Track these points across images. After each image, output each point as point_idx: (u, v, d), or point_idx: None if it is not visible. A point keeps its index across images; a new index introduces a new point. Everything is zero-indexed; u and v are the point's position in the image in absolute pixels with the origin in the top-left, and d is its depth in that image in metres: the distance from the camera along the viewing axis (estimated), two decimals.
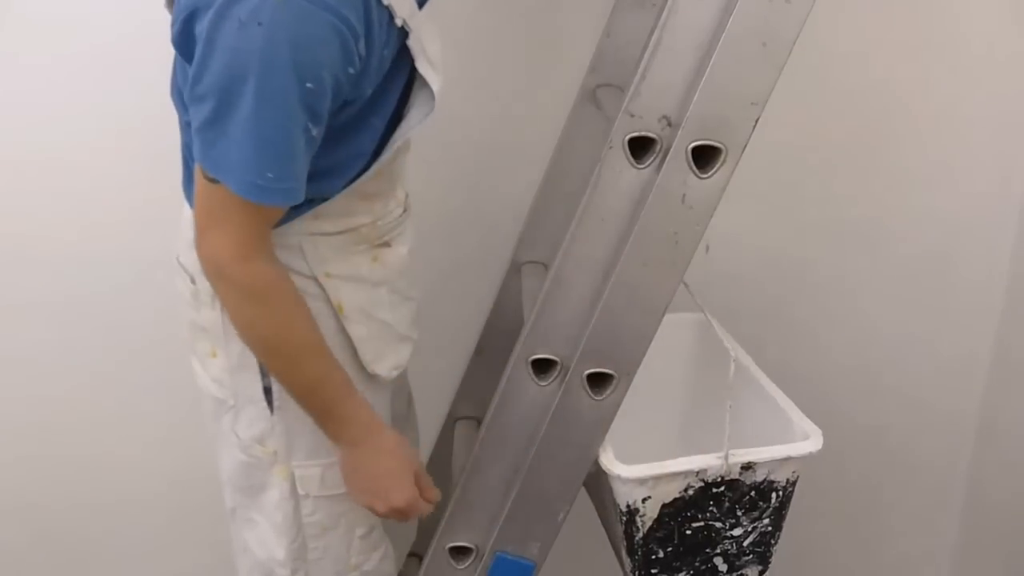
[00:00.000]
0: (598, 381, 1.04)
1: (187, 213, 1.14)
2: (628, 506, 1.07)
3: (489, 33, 1.44)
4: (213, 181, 0.95)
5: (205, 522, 1.65)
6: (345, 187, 1.05)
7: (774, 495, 1.10)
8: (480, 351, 1.53)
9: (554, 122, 1.39)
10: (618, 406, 1.05)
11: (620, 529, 1.11)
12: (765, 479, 1.08)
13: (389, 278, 1.16)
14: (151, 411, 1.60)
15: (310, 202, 1.03)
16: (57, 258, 1.48)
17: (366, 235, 1.12)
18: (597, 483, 1.14)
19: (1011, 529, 1.72)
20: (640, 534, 1.09)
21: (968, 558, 1.87)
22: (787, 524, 1.14)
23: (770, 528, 1.13)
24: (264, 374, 1.11)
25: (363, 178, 1.06)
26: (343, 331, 1.12)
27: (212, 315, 1.12)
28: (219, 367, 1.14)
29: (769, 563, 1.16)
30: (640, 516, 1.08)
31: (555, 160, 1.42)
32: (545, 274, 1.04)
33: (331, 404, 1.08)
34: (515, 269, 1.48)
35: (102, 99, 1.38)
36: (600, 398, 1.04)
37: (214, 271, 1.01)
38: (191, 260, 1.13)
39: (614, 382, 1.04)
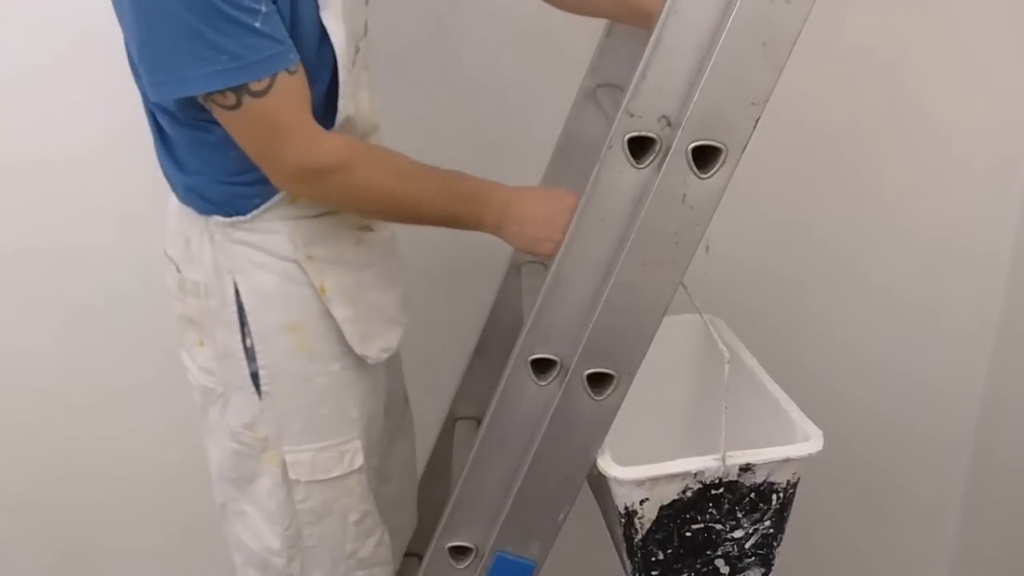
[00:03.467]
0: (598, 381, 1.04)
1: (172, 206, 1.15)
2: (626, 508, 1.07)
3: (489, 32, 1.44)
4: (231, 108, 0.95)
5: (205, 522, 1.65)
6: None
7: (775, 497, 1.09)
8: (480, 351, 1.53)
9: (554, 122, 1.39)
10: (618, 406, 1.05)
11: (620, 531, 1.10)
12: (765, 481, 1.08)
13: (374, 261, 1.17)
14: (151, 411, 1.60)
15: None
16: (57, 258, 1.48)
17: (346, 217, 1.12)
18: (598, 484, 1.14)
19: (1011, 530, 1.72)
20: (639, 536, 1.09)
21: (968, 558, 1.87)
22: (788, 525, 1.14)
23: (772, 530, 1.12)
24: (251, 359, 1.12)
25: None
26: (327, 313, 1.12)
27: (197, 303, 1.13)
28: (206, 356, 1.16)
29: (772, 565, 1.15)
30: (638, 518, 1.07)
31: (555, 160, 1.42)
32: (545, 274, 1.03)
33: (464, 199, 1.09)
34: (515, 269, 1.48)
35: (101, 99, 1.38)
36: (600, 398, 1.04)
37: (312, 176, 1.01)
38: (176, 250, 1.14)
39: (614, 382, 1.04)
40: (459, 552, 1.15)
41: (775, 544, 1.14)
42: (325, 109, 1.04)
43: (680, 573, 1.12)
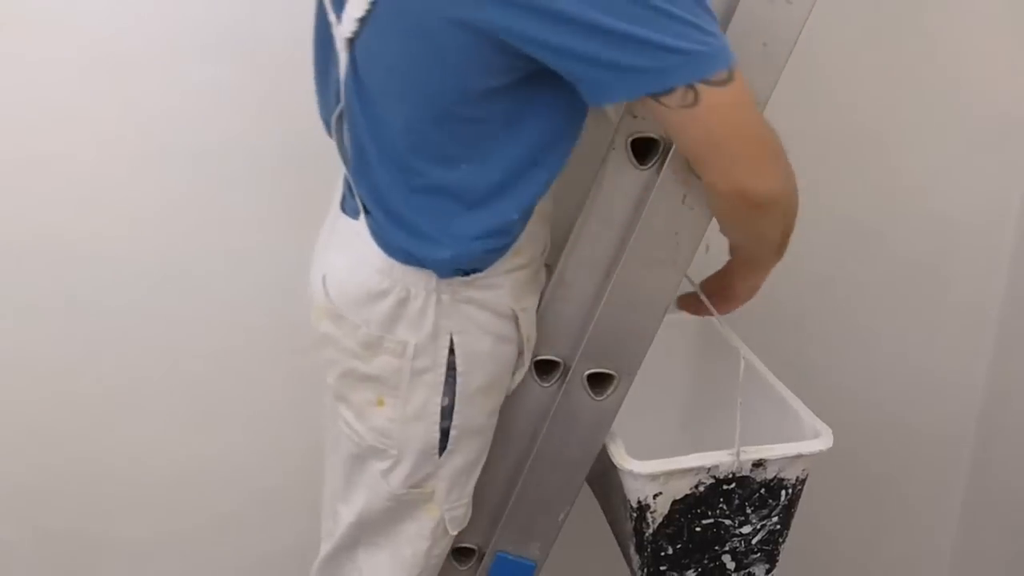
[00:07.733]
0: (599, 381, 1.04)
1: (371, 259, 1.01)
2: (639, 502, 1.07)
3: None
4: (688, 106, 0.82)
5: (205, 522, 1.65)
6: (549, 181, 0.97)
7: (783, 493, 1.10)
8: None
9: None
10: (619, 406, 1.05)
11: (629, 526, 1.10)
12: (775, 477, 1.09)
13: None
14: (151, 411, 1.59)
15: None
16: (58, 258, 1.48)
17: (541, 264, 1.08)
18: (605, 480, 1.14)
19: (1011, 530, 1.73)
20: (650, 530, 1.09)
21: (968, 558, 1.87)
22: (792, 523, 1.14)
23: (778, 526, 1.13)
24: (445, 417, 1.03)
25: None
26: (514, 368, 1.07)
27: (394, 362, 1.02)
28: (385, 417, 1.05)
29: (776, 562, 1.16)
30: (651, 512, 1.07)
31: None
32: (548, 274, 1.04)
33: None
34: None
35: (102, 99, 1.38)
36: (601, 398, 1.04)
37: (767, 203, 0.95)
38: (369, 312, 1.02)
39: (615, 382, 1.04)
40: (460, 552, 1.15)
41: (781, 540, 1.15)
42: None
43: (687, 568, 1.13)
